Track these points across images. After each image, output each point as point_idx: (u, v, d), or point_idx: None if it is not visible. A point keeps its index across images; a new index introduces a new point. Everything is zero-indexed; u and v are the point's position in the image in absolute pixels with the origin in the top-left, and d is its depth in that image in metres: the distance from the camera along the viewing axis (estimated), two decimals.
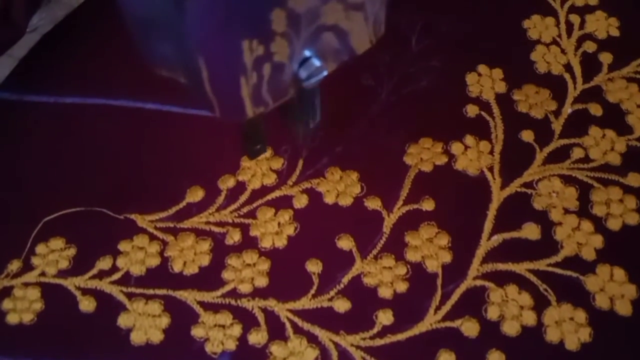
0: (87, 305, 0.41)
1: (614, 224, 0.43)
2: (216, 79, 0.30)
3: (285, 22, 0.30)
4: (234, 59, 0.30)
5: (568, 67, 0.50)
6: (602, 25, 0.52)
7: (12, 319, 0.40)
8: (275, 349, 0.39)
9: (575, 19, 0.52)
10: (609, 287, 0.41)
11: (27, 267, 0.42)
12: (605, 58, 0.50)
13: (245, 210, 0.44)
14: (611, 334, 0.40)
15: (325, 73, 0.34)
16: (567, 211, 0.43)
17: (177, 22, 0.28)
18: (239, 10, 0.28)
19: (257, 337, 0.39)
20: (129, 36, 0.50)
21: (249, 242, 0.43)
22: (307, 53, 0.33)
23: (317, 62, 0.34)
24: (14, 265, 0.42)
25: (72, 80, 0.50)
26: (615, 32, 0.51)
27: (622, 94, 0.48)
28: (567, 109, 0.48)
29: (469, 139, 0.46)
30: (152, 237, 0.43)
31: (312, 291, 0.41)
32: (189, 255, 0.42)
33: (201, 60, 0.29)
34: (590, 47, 0.51)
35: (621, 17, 0.52)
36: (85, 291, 0.41)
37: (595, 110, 0.48)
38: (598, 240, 0.42)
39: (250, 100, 0.32)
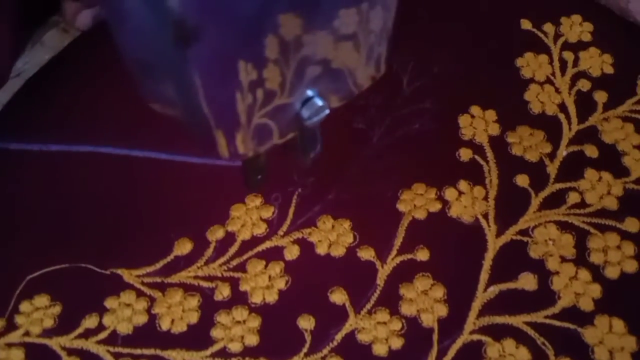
0: None
1: (611, 272, 0.42)
2: (214, 100, 0.30)
3: (277, 49, 0.30)
4: (230, 76, 0.30)
5: (562, 107, 0.49)
6: (596, 62, 0.51)
7: None
8: None
9: (568, 56, 0.51)
10: (608, 339, 0.40)
11: (11, 327, 0.41)
12: (600, 97, 0.49)
13: (234, 263, 0.43)
14: None
15: (327, 112, 0.34)
16: (564, 259, 0.43)
17: (178, 67, 0.28)
18: (237, 41, 0.29)
19: None
20: (118, 78, 0.49)
21: (238, 298, 0.41)
22: (309, 93, 0.33)
23: (319, 102, 0.34)
24: None
25: (57, 126, 0.48)
26: (609, 70, 0.51)
27: (618, 134, 0.48)
28: (562, 152, 0.47)
29: (463, 185, 0.45)
30: (140, 293, 0.42)
31: (305, 349, 0.40)
32: (177, 313, 0.41)
33: (200, 91, 0.29)
34: (584, 85, 0.50)
35: (615, 53, 0.51)
36: (71, 351, 0.40)
37: (591, 152, 0.47)
38: (596, 290, 0.41)
39: (245, 118, 0.32)
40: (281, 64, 0.31)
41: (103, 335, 0.40)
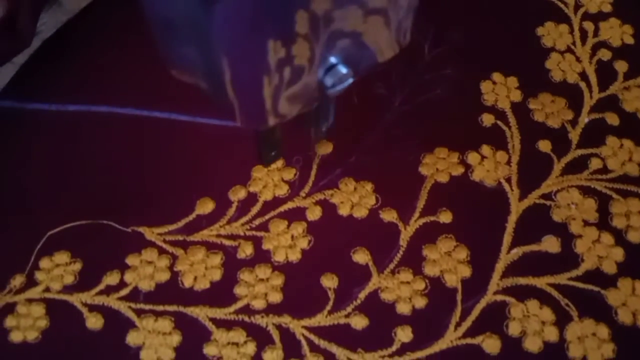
0: (94, 322, 0.39)
1: (634, 237, 0.42)
2: (239, 79, 0.30)
3: (307, 25, 0.29)
4: (258, 58, 0.29)
5: (583, 76, 0.49)
6: (617, 32, 0.51)
7: (15, 337, 0.39)
8: None
9: (589, 26, 0.51)
10: (631, 301, 0.40)
11: (31, 283, 0.40)
12: (621, 66, 0.49)
13: (257, 222, 0.42)
14: (635, 349, 0.39)
15: (351, 80, 0.33)
16: (586, 223, 0.43)
17: (204, 25, 0.27)
18: (267, 11, 0.28)
19: (272, 356, 0.38)
20: (136, 40, 0.49)
21: (261, 256, 0.41)
22: (333, 60, 0.33)
23: (343, 70, 0.33)
24: (17, 281, 0.40)
25: (75, 87, 0.48)
26: (629, 40, 0.51)
27: (639, 103, 0.47)
28: (584, 119, 0.47)
29: (486, 149, 0.45)
30: (161, 251, 0.41)
31: (328, 307, 0.39)
32: (200, 270, 0.41)
33: (225, 61, 0.29)
34: (605, 55, 0.50)
35: (635, 24, 0.51)
36: (92, 307, 0.40)
37: (612, 119, 0.47)
38: (619, 253, 0.41)
39: (271, 102, 0.31)
40: (311, 39, 0.30)
41: (125, 292, 0.40)
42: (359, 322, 0.39)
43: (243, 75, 0.30)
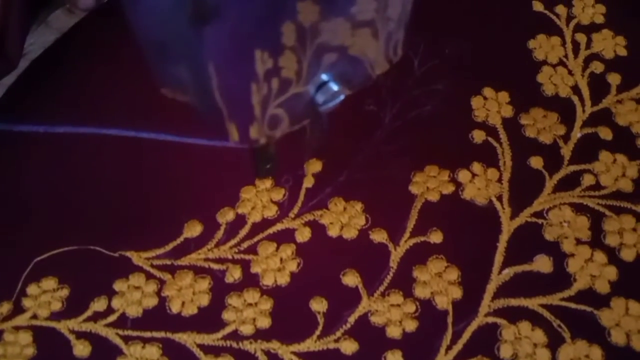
0: (81, 350, 0.39)
1: (627, 255, 0.42)
2: (228, 89, 0.30)
3: (294, 37, 0.29)
4: (247, 67, 0.29)
5: (576, 89, 0.48)
6: (609, 44, 0.50)
7: None
8: None
9: (581, 38, 0.51)
10: (625, 321, 0.39)
11: (18, 310, 0.40)
12: (614, 79, 0.49)
13: (245, 245, 0.42)
14: None
15: (342, 97, 0.34)
16: (579, 242, 0.42)
17: (194, 46, 0.28)
18: (254, 23, 0.28)
19: None
20: (124, 60, 0.49)
21: (250, 280, 0.41)
22: (324, 77, 0.33)
23: (334, 87, 0.33)
24: (4, 308, 0.40)
25: (64, 108, 0.48)
26: (622, 52, 0.50)
27: (632, 117, 0.47)
28: (577, 134, 0.46)
29: (476, 167, 0.44)
30: (149, 276, 0.41)
31: (318, 332, 0.39)
32: (188, 295, 0.40)
33: (214, 77, 0.29)
34: (597, 67, 0.49)
35: (628, 36, 0.51)
36: (80, 334, 0.39)
37: (605, 134, 0.46)
38: (612, 272, 0.41)
39: (260, 111, 0.31)
40: (298, 51, 0.30)
41: (112, 318, 0.40)
42: (349, 347, 0.38)
43: (232, 84, 0.30)
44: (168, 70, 0.31)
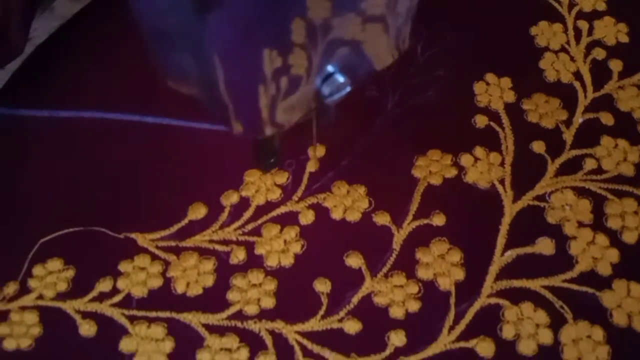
0: (87, 329, 0.39)
1: (629, 237, 0.42)
2: (234, 89, 0.29)
3: (304, 34, 0.29)
4: (254, 67, 0.29)
5: (578, 75, 0.48)
6: (611, 31, 0.51)
7: (9, 344, 0.39)
8: None
9: (583, 25, 0.51)
10: (626, 303, 0.40)
11: (24, 290, 0.40)
12: (615, 65, 0.49)
13: (249, 227, 0.42)
14: (630, 351, 0.39)
15: (348, 89, 0.33)
16: (581, 224, 0.42)
17: (198, 35, 0.27)
18: (261, 20, 0.28)
19: None
20: (128, 45, 0.49)
21: (254, 261, 0.41)
22: (330, 69, 0.33)
23: (340, 78, 0.33)
24: (10, 288, 0.40)
25: (67, 93, 0.48)
26: (624, 39, 0.50)
27: (634, 102, 0.47)
28: (578, 119, 0.46)
29: (479, 151, 0.45)
30: (154, 257, 0.41)
31: (321, 312, 0.39)
32: (192, 276, 0.40)
33: (220, 71, 0.29)
34: (599, 54, 0.49)
35: (630, 22, 0.51)
36: (85, 314, 0.40)
37: (607, 119, 0.46)
38: (614, 255, 0.41)
39: (268, 112, 0.31)
40: (308, 48, 0.30)
41: (117, 298, 0.40)
42: (352, 327, 0.39)
43: (238, 84, 0.29)
44: (172, 61, 0.31)
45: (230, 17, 0.27)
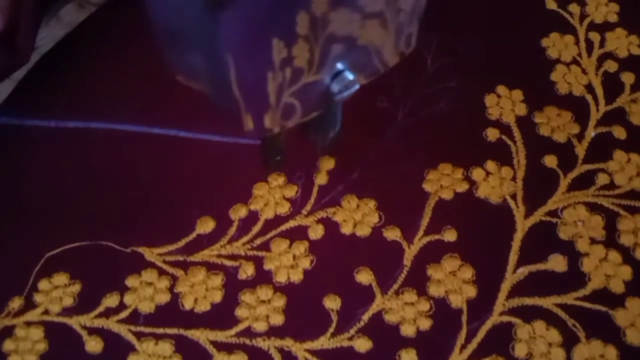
0: (93, 346, 0.38)
1: None
2: (245, 82, 0.30)
3: (307, 26, 0.30)
4: (264, 56, 0.29)
5: (590, 88, 0.48)
6: (623, 43, 0.50)
7: None
8: None
9: (595, 36, 0.50)
10: None
11: (30, 305, 0.40)
12: (627, 78, 0.48)
13: (258, 242, 0.42)
14: None
15: (357, 87, 0.34)
16: (593, 241, 0.42)
17: (210, 32, 0.28)
18: (271, 12, 0.28)
19: None
20: (135, 54, 0.48)
21: (263, 277, 0.41)
22: (339, 66, 0.33)
23: (350, 76, 0.33)
24: (16, 303, 0.40)
25: (74, 103, 0.47)
26: (636, 51, 0.50)
27: None
28: (591, 132, 0.46)
29: (490, 165, 0.44)
30: (161, 272, 0.41)
31: (331, 329, 0.39)
32: (200, 292, 0.40)
33: (231, 61, 0.29)
34: (611, 66, 0.49)
35: None
36: (92, 330, 0.39)
37: (619, 133, 0.46)
38: (627, 272, 0.41)
39: (275, 99, 0.31)
40: (310, 40, 0.30)
41: (124, 314, 0.39)
42: (363, 345, 0.38)
43: (250, 77, 0.30)
44: (182, 56, 0.31)
45: (243, 13, 0.27)
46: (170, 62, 0.32)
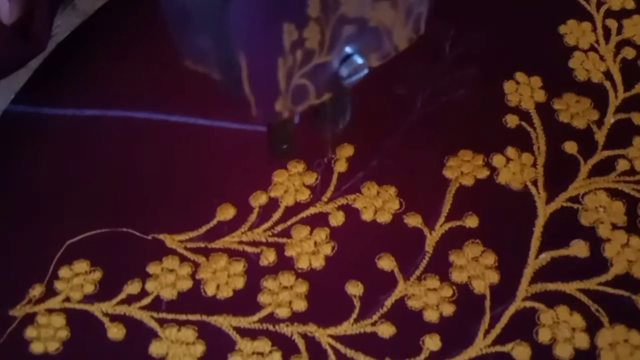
0: (116, 332, 0.38)
1: None
2: (255, 65, 0.29)
3: (318, 7, 0.29)
4: (274, 42, 0.29)
5: (608, 75, 0.48)
6: None
7: (36, 348, 0.38)
8: None
9: (612, 23, 0.50)
10: None
11: (51, 292, 0.40)
12: None
13: (279, 228, 0.42)
14: None
15: (366, 71, 0.33)
16: (615, 226, 0.42)
17: (221, 16, 0.27)
18: None
19: None
20: (152, 42, 0.48)
21: (284, 263, 0.40)
22: (348, 50, 0.32)
23: (359, 60, 0.33)
24: (37, 291, 0.40)
25: (91, 91, 0.47)
26: None
27: None
28: (610, 119, 0.46)
29: (511, 151, 0.44)
30: (183, 259, 0.41)
31: (354, 315, 0.39)
32: (222, 278, 0.40)
33: (241, 47, 0.29)
34: (629, 53, 0.49)
35: None
36: (114, 317, 0.39)
37: (638, 120, 0.46)
38: None
39: (285, 84, 0.31)
40: (322, 22, 0.30)
41: (146, 301, 0.39)
42: (386, 331, 0.38)
43: (259, 62, 0.29)
44: (191, 40, 0.31)
45: None
46: (179, 44, 0.32)
